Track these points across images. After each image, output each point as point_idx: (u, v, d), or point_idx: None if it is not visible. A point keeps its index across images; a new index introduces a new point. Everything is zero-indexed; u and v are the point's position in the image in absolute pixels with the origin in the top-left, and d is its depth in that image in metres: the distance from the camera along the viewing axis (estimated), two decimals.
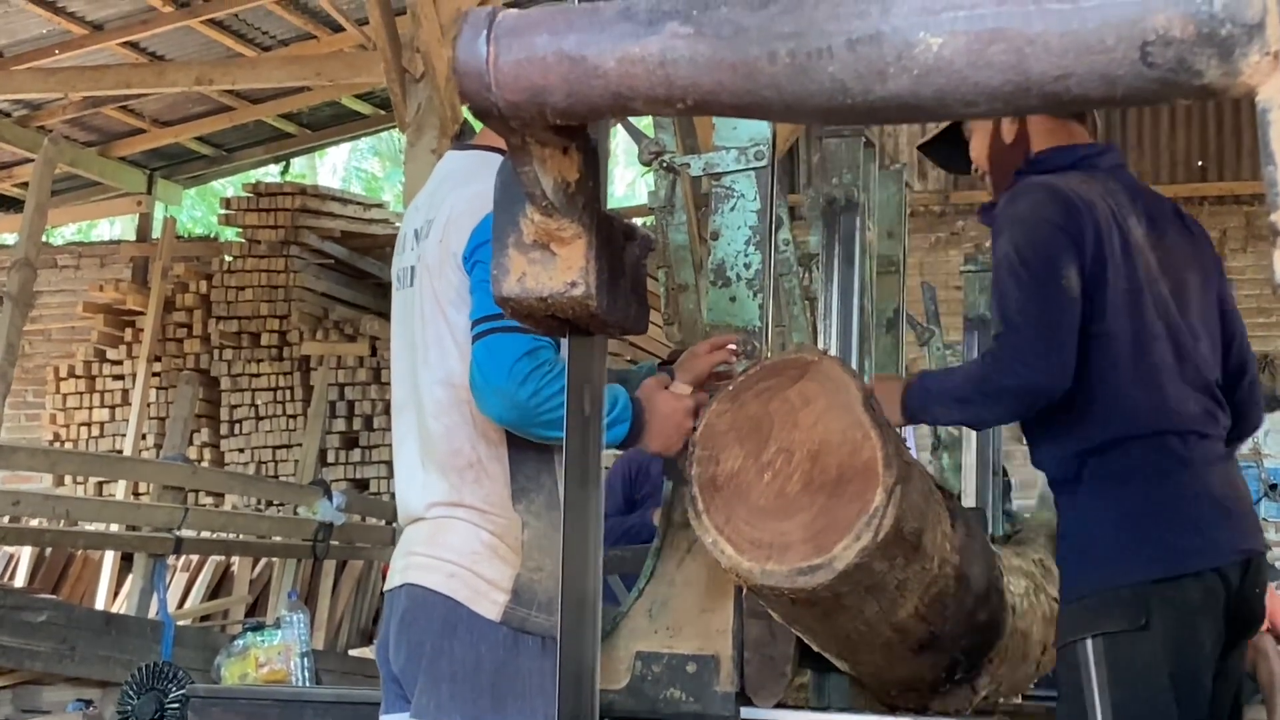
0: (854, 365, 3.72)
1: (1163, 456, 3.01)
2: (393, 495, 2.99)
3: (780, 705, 2.97)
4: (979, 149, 3.33)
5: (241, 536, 9.17)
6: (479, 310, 2.67)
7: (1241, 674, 3.30)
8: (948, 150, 3.51)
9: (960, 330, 5.43)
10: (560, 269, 1.16)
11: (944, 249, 10.56)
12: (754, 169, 3.04)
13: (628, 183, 18.84)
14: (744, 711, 2.89)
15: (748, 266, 3.05)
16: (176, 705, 4.54)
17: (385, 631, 2.82)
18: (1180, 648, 2.98)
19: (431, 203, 2.84)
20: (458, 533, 2.71)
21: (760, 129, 3.05)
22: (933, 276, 7.06)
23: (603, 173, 1.19)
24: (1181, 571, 2.96)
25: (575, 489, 1.34)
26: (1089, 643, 2.94)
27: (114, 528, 8.63)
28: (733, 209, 3.06)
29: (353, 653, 8.66)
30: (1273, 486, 9.24)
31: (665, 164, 3.24)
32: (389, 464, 10.63)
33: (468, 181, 2.79)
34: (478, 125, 3.05)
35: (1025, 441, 3.15)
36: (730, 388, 2.53)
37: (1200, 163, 10.39)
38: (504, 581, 2.68)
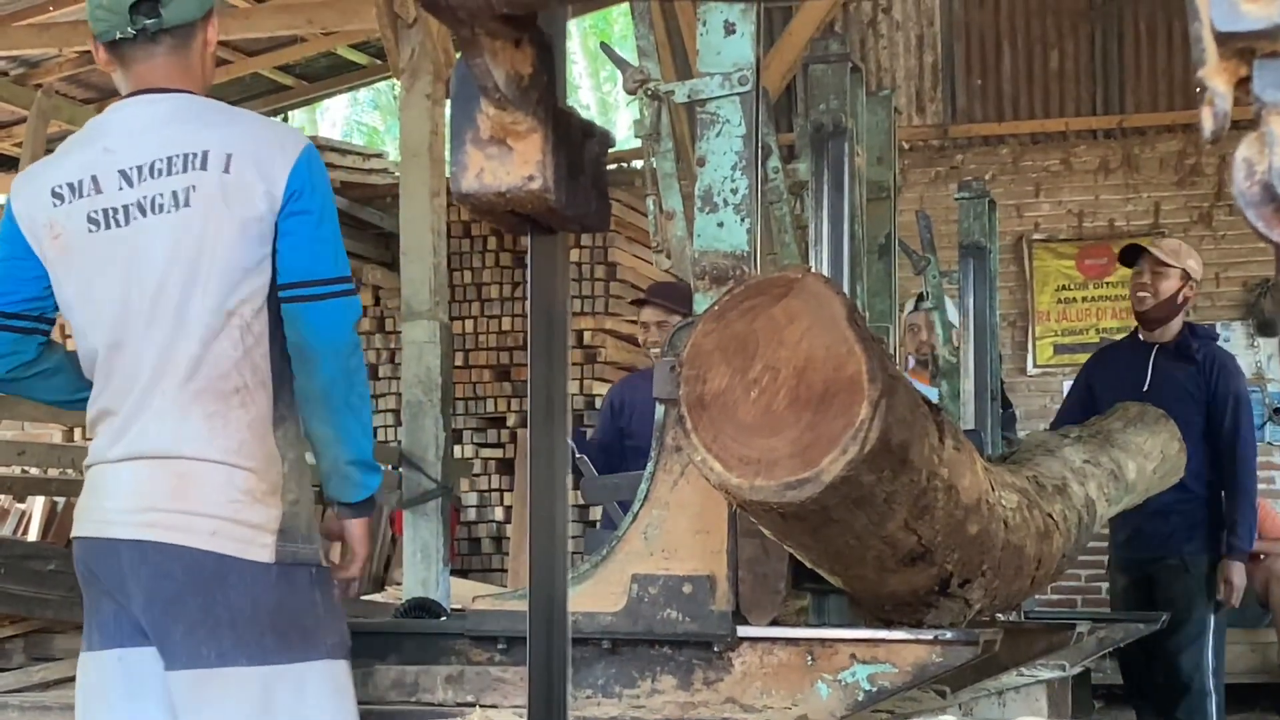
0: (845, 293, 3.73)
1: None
2: (400, 440, 2.98)
3: (774, 623, 3.01)
4: (1169, 289, 5.53)
5: None
6: (314, 269, 2.69)
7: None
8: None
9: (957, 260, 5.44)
10: (517, 163, 1.17)
11: (943, 183, 10.54)
12: (738, 94, 3.05)
13: (627, 126, 18.82)
14: (739, 630, 2.93)
15: (734, 191, 3.06)
16: None
17: (112, 575, 2.67)
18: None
19: (170, 140, 2.71)
20: (211, 483, 2.63)
21: (744, 53, 3.06)
22: (932, 210, 7.05)
23: (559, 69, 1.21)
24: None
25: (541, 376, 1.36)
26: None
27: None
28: (718, 134, 3.07)
29: (364, 598, 8.71)
30: (1276, 410, 9.32)
31: (650, 92, 3.25)
32: (396, 413, 10.68)
33: (221, 121, 2.75)
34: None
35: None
36: (716, 307, 2.55)
37: (1199, 89, 10.35)
38: (270, 523, 2.66)
